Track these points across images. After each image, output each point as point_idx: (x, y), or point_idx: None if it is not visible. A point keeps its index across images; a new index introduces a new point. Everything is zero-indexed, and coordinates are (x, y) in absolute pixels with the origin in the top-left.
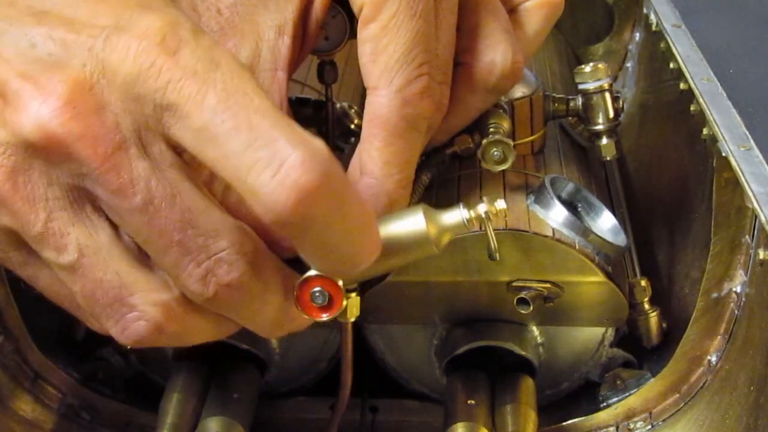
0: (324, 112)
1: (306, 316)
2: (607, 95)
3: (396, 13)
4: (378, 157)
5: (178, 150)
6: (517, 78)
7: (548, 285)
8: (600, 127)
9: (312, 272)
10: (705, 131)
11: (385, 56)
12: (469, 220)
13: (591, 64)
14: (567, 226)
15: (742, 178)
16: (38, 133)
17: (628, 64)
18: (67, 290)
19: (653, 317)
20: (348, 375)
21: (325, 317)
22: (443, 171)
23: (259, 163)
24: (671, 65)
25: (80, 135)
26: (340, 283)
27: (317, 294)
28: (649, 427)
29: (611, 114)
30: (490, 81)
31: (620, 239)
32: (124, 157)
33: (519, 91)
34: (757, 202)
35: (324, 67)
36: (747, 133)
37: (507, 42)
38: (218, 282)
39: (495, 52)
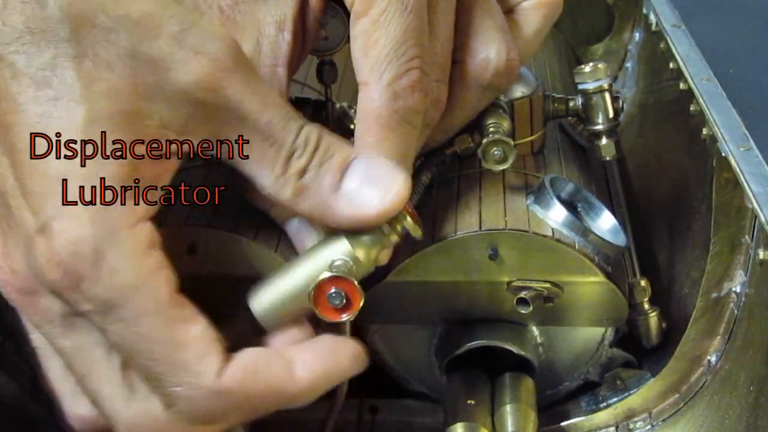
0: (324, 112)
1: (327, 318)
2: (607, 95)
3: (387, 8)
4: (372, 152)
5: None
6: (512, 75)
7: (548, 285)
8: (600, 127)
9: (325, 274)
10: (705, 131)
11: (376, 51)
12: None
13: (591, 64)
14: (567, 226)
15: (742, 178)
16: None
17: (628, 64)
18: None
19: (653, 317)
20: None
21: (344, 317)
22: (443, 171)
23: None
24: (671, 65)
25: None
26: (356, 282)
27: (334, 295)
28: (649, 427)
29: (611, 114)
30: (484, 78)
31: (620, 239)
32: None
33: (519, 91)
34: (757, 202)
35: (324, 67)
36: (747, 133)
37: (501, 39)
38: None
39: (489, 50)
